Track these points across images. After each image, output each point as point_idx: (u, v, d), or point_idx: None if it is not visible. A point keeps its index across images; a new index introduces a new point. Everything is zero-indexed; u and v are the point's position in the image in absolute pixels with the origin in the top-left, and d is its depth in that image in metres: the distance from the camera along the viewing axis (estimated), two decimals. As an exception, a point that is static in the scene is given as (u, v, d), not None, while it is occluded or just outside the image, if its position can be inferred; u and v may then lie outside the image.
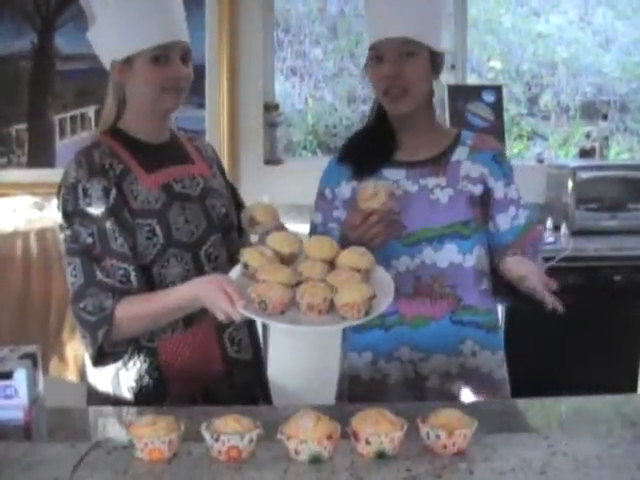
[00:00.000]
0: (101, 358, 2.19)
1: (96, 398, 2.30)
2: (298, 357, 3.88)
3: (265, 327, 3.90)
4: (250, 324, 2.41)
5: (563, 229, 4.38)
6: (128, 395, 2.25)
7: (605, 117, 5.08)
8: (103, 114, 2.35)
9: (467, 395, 2.34)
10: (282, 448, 1.67)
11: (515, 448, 1.71)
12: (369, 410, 1.72)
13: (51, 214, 4.23)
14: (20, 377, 1.86)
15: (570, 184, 4.49)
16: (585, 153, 4.94)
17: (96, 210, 2.16)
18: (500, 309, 2.66)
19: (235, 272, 2.11)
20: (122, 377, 2.25)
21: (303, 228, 2.48)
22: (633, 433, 1.78)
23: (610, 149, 5.36)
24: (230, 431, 1.66)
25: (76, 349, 4.09)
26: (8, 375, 1.86)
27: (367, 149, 2.36)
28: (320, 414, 1.69)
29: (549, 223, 4.43)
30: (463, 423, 1.70)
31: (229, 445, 1.65)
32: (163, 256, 2.22)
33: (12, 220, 4.20)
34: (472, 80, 5.70)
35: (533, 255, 2.37)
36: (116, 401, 2.24)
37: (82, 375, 3.96)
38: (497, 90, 5.02)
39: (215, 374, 2.29)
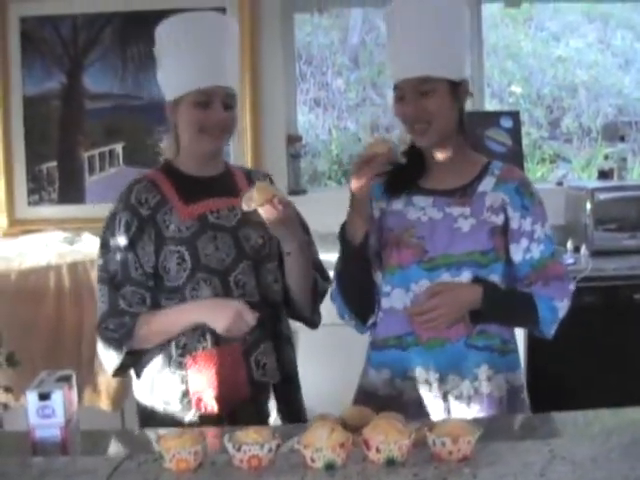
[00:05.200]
0: (119, 370, 2.41)
1: (149, 418, 2.42)
2: (327, 377, 3.93)
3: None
4: (278, 349, 2.49)
5: (583, 250, 4.39)
6: (161, 406, 2.38)
7: (622, 138, 5.09)
8: (163, 149, 2.56)
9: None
10: (299, 457, 1.77)
11: (518, 454, 1.78)
12: (379, 420, 1.81)
13: (81, 248, 4.30)
14: (57, 398, 1.97)
15: (588, 205, 4.50)
16: (604, 174, 4.91)
17: (122, 241, 2.37)
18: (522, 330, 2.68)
19: None
20: (156, 387, 2.39)
21: (329, 257, 2.51)
22: (631, 437, 1.84)
23: (632, 170, 5.32)
24: (251, 441, 1.76)
25: (109, 379, 4.14)
26: (47, 396, 1.97)
27: (395, 174, 2.40)
28: (334, 425, 1.79)
29: (569, 244, 4.43)
30: (467, 431, 1.77)
31: (250, 454, 1.74)
32: (193, 279, 2.36)
33: (44, 254, 4.26)
34: (493, 105, 5.74)
35: (541, 288, 2.36)
36: (165, 414, 2.38)
37: (115, 404, 4.04)
38: (515, 115, 4.97)
39: (241, 397, 2.37)
